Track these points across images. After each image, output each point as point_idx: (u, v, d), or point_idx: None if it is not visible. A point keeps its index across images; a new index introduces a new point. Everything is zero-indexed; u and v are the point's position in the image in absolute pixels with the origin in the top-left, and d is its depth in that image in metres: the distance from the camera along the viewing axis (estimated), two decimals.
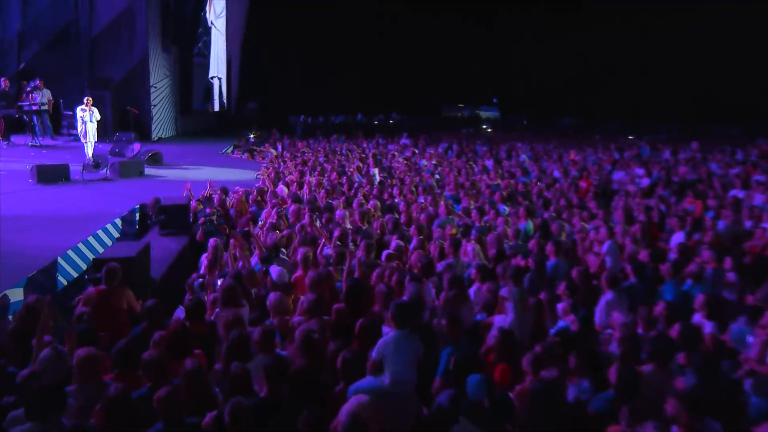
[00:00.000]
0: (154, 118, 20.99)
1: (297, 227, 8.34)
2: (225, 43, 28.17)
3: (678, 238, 8.02)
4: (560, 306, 5.77)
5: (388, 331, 4.78)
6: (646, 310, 5.16)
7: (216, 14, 27.20)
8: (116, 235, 9.15)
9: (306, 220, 8.66)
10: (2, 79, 17.16)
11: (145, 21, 20.35)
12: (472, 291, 6.17)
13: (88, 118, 13.84)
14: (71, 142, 17.49)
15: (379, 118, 35.22)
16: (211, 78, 27.23)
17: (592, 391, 4.32)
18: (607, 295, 5.83)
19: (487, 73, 38.13)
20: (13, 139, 17.07)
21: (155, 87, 20.85)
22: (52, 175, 11.89)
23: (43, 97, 18.35)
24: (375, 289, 5.74)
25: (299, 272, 6.68)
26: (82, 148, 13.92)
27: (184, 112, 24.49)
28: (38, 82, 18.44)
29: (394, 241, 7.76)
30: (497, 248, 7.64)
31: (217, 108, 27.71)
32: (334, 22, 33.22)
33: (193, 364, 4.27)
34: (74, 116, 14.64)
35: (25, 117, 17.69)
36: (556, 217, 9.51)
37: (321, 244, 7.73)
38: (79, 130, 14.09)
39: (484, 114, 42.67)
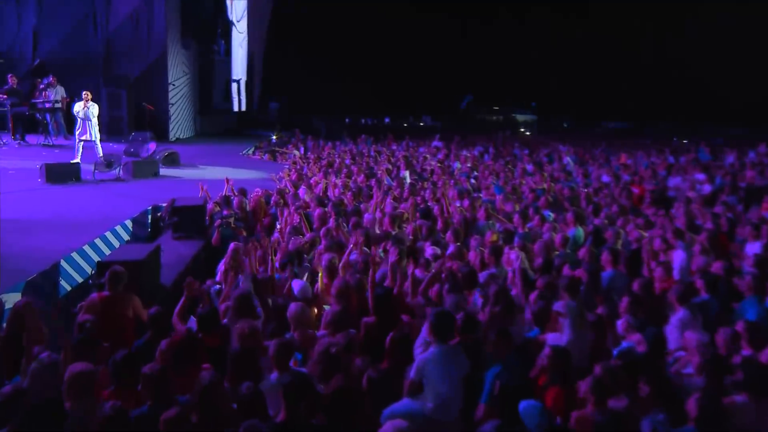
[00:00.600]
0: (172, 118, 20.87)
1: (322, 232, 8.04)
2: (246, 45, 28.18)
3: (753, 248, 7.43)
4: (619, 323, 5.30)
5: (419, 347, 4.42)
6: (729, 330, 4.64)
7: (237, 16, 27.31)
8: (126, 237, 8.93)
9: (332, 223, 8.35)
10: (10, 75, 17.25)
11: (164, 14, 20.21)
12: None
13: (83, 114, 13.54)
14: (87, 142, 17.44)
15: (408, 121, 34.96)
16: (234, 80, 27.29)
17: (668, 425, 3.84)
18: (679, 313, 5.32)
19: (522, 74, 37.73)
20: (27, 138, 17.14)
21: (173, 85, 20.78)
22: (61, 174, 11.81)
23: (56, 94, 18.43)
24: (410, 300, 5.37)
25: (324, 281, 6.34)
26: (93, 147, 13.67)
27: (204, 112, 24.42)
28: (52, 78, 18.57)
29: (429, 248, 7.37)
30: (544, 257, 7.20)
31: (236, 108, 27.70)
32: (363, 21, 33.27)
33: (210, 378, 3.92)
34: (72, 114, 14.36)
35: (38, 115, 17.80)
36: (609, 224, 8.99)
37: (348, 251, 7.38)
38: (77, 130, 13.76)
39: (520, 117, 42.21)
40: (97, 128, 13.82)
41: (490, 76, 38.02)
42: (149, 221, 9.84)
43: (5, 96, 16.75)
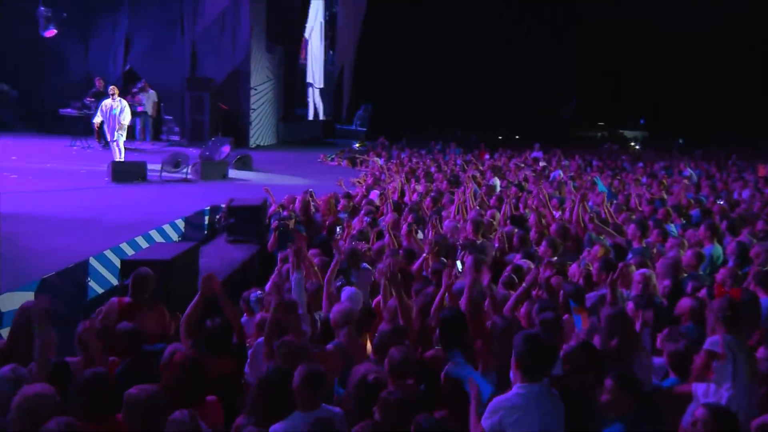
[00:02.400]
0: (253, 124, 20.64)
1: (388, 239, 7.00)
2: (322, 51, 27.85)
3: None
4: None
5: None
6: None
7: (317, 21, 27.14)
8: (175, 237, 8.23)
9: (404, 230, 7.27)
10: (97, 78, 17.49)
11: (249, 18, 20.03)
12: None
13: (116, 111, 12.64)
14: (166, 147, 17.36)
15: (503, 134, 33.50)
16: (308, 85, 27.01)
17: None
18: None
19: (631, 88, 35.53)
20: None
21: (255, 89, 20.55)
22: (127, 173, 11.47)
23: (148, 99, 18.66)
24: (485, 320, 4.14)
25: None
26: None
27: (288, 119, 24.17)
28: (143, 83, 18.79)
29: (519, 261, 6.09)
30: (672, 278, 5.70)
31: (311, 116, 27.32)
32: (456, 33, 32.50)
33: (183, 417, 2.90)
34: (97, 110, 13.53)
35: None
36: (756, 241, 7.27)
37: (420, 260, 6.26)
38: (96, 124, 13.02)
39: (629, 133, 39.77)
40: (123, 130, 12.89)
41: (594, 88, 36.15)
42: (206, 223, 9.14)
43: (92, 99, 16.92)
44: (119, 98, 12.93)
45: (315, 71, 27.67)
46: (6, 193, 9.43)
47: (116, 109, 12.75)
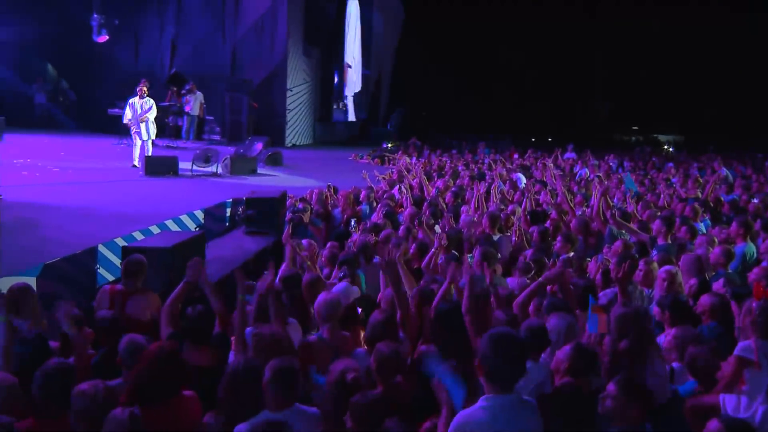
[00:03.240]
0: (289, 123, 20.43)
1: (402, 230, 6.51)
2: (359, 55, 27.50)
3: None
4: None
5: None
6: None
7: (347, 26, 26.81)
8: (193, 227, 7.92)
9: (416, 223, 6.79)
10: (143, 80, 17.45)
11: (287, 22, 19.91)
12: (660, 340, 3.73)
13: (140, 107, 12.17)
14: (206, 145, 17.20)
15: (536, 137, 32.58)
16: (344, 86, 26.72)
17: None
18: None
19: (666, 92, 34.10)
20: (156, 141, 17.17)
21: (291, 91, 20.34)
22: (160, 166, 11.32)
23: (195, 100, 18.59)
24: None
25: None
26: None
27: (324, 119, 23.91)
28: (191, 85, 18.75)
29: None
30: (698, 276, 5.04)
31: (350, 118, 26.98)
32: (493, 38, 31.84)
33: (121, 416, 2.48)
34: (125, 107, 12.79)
35: (169, 119, 17.88)
36: None
37: (430, 254, 5.75)
38: (126, 119, 12.32)
39: (663, 138, 38.25)
40: (151, 127, 12.32)
41: (630, 92, 34.89)
42: (227, 215, 8.80)
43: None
44: (147, 96, 12.58)
45: (352, 73, 27.29)
46: (42, 184, 9.34)
47: (145, 105, 12.38)
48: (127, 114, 12.45)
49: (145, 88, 12.50)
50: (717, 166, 13.71)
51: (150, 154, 12.07)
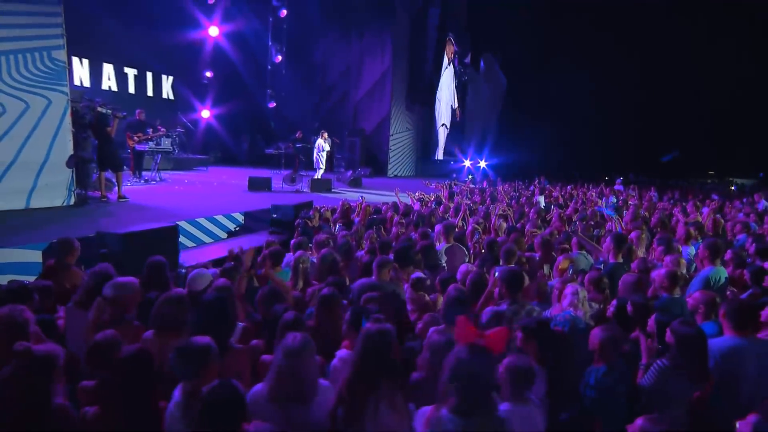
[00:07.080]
0: (391, 159, 20.19)
1: (367, 234, 5.28)
2: (453, 100, 25.93)
3: None
4: None
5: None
6: None
7: (442, 87, 25.33)
8: (232, 227, 7.30)
9: (394, 231, 5.51)
10: (298, 132, 17.59)
11: (391, 85, 19.83)
12: None
13: (326, 146, 13.20)
14: (331, 174, 17.03)
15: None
16: (440, 126, 25.30)
17: None
18: None
19: (748, 136, 27.62)
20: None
21: (393, 136, 19.96)
22: (258, 184, 11.06)
23: (325, 143, 18.77)
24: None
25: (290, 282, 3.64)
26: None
27: (425, 157, 23.36)
28: (324, 133, 18.97)
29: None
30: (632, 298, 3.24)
31: (441, 156, 25.61)
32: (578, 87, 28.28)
33: None
34: (313, 146, 13.96)
35: (301, 156, 18.11)
36: None
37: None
38: (315, 156, 13.36)
39: (739, 181, 30.97)
40: (324, 159, 13.42)
41: (706, 138, 28.83)
42: (271, 218, 8.09)
43: (288, 144, 16.79)
44: (328, 138, 13.88)
45: (445, 114, 25.87)
46: (161, 193, 9.30)
47: (323, 145, 13.64)
48: (315, 154, 13.53)
49: (325, 134, 13.86)
50: (757, 197, 10.19)
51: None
